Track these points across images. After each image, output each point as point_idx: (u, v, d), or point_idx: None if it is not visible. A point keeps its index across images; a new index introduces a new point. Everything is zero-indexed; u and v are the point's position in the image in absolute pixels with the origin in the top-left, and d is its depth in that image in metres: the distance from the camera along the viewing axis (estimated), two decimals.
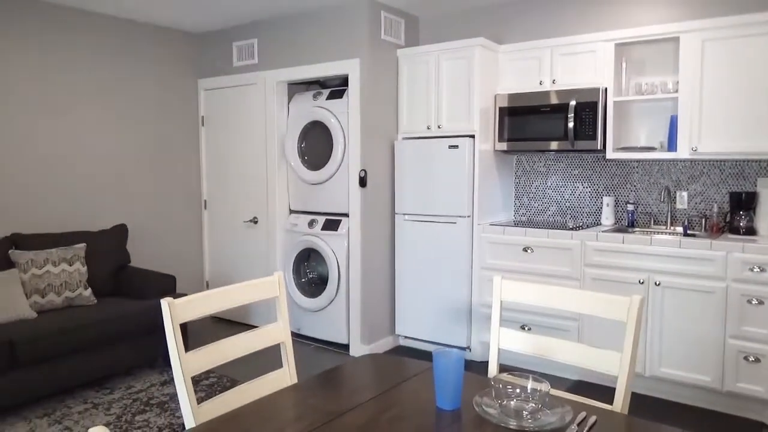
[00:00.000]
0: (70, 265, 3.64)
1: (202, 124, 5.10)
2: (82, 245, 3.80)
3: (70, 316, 3.38)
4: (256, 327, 4.95)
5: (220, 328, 4.80)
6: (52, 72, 4.07)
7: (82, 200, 4.27)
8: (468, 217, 3.92)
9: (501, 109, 4.01)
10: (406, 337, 4.35)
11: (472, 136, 3.93)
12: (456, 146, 3.92)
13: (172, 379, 3.63)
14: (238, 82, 4.75)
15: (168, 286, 3.89)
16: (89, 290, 3.70)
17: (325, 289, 4.28)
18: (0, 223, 3.80)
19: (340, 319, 4.25)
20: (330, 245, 4.23)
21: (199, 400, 1.64)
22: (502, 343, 1.89)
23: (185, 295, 3.84)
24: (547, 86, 3.85)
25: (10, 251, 3.55)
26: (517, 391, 1.47)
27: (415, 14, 4.50)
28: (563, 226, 3.78)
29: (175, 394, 3.41)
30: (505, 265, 3.79)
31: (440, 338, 4.09)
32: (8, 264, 3.52)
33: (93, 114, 4.32)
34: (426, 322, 4.14)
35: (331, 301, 4.25)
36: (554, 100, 3.77)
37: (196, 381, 3.61)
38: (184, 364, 1.63)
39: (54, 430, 2.97)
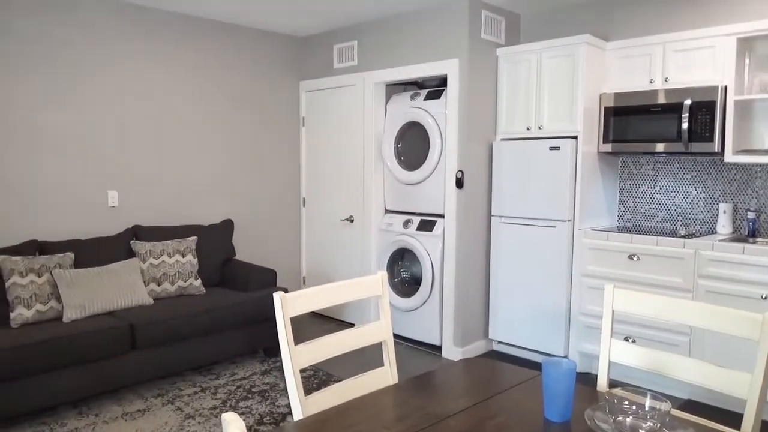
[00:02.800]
0: (183, 257, 3.90)
1: (303, 125, 5.28)
2: (194, 238, 4.06)
3: (183, 304, 3.62)
4: (346, 322, 4.99)
5: (314, 322, 4.96)
6: (168, 77, 4.37)
7: (194, 195, 4.56)
8: (568, 221, 3.78)
9: (606, 109, 3.83)
10: (499, 342, 4.27)
11: (575, 137, 3.79)
12: (557, 147, 3.80)
13: (273, 368, 3.81)
14: (337, 83, 4.87)
15: (269, 280, 4.06)
16: (199, 280, 3.95)
17: (418, 289, 4.30)
18: (123, 215, 4.15)
19: (433, 320, 4.24)
20: (424, 246, 4.24)
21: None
22: (612, 355, 1.81)
23: (285, 289, 3.98)
24: (658, 85, 3.64)
25: (131, 242, 3.86)
26: (634, 407, 1.40)
27: (517, 12, 4.40)
28: (674, 234, 3.55)
29: (276, 384, 3.56)
30: (608, 273, 3.62)
31: (535, 345, 3.98)
32: (130, 254, 3.84)
33: (203, 115, 4.60)
34: (521, 327, 4.05)
35: (425, 301, 4.26)
36: (666, 100, 3.55)
37: None
38: (294, 357, 1.69)
39: (167, 410, 3.19)
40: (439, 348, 4.30)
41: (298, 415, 1.67)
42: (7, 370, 2.82)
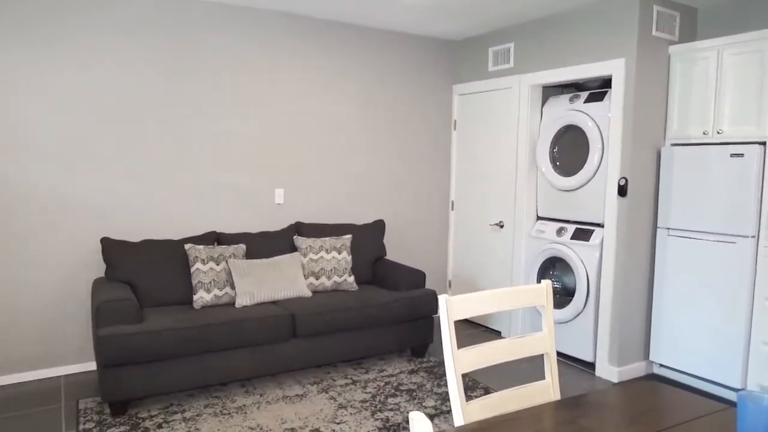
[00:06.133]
0: (339, 254, 4.11)
1: (455, 128, 5.30)
2: (349, 236, 4.26)
3: (338, 299, 3.81)
4: (491, 329, 4.86)
5: (458, 326, 4.95)
6: (326, 83, 4.63)
7: (349, 195, 4.79)
8: (752, 237, 3.37)
9: None
10: (661, 365, 3.93)
11: (763, 143, 3.37)
12: (740, 154, 3.40)
13: (420, 369, 3.87)
14: (491, 86, 4.82)
15: (418, 281, 4.12)
16: (352, 277, 4.13)
17: (570, 301, 4.10)
18: (287, 212, 4.48)
19: (586, 335, 4.02)
20: (579, 256, 4.04)
21: (448, 396, 1.68)
22: None
23: (434, 291, 4.01)
24: None
25: (294, 237, 4.15)
26: None
27: (693, 5, 4.02)
28: None
29: (422, 384, 3.61)
30: None
31: (705, 373, 3.60)
32: (292, 248, 4.13)
33: (358, 118, 4.80)
34: (688, 351, 3.69)
35: (578, 314, 4.05)
36: None
37: (440, 375, 3.77)
38: (457, 361, 1.70)
39: (321, 398, 3.38)
40: (591, 365, 4.07)
41: (458, 420, 1.68)
42: (193, 346, 3.19)
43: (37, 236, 3.62)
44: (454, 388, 1.69)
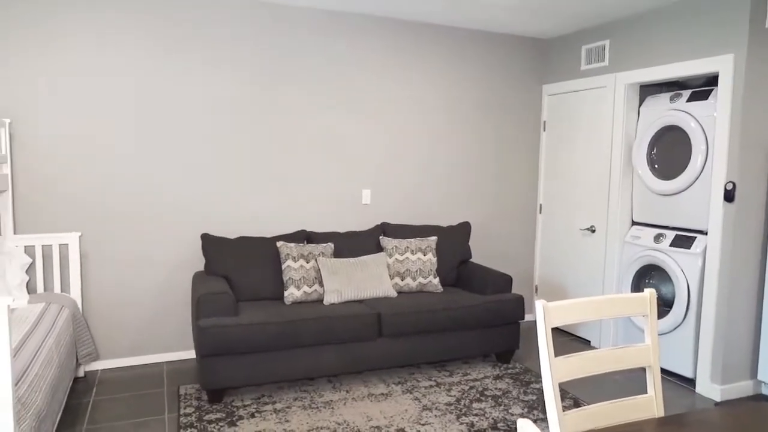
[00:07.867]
0: (424, 255, 4.11)
1: (544, 130, 5.16)
2: (434, 238, 4.26)
3: (423, 300, 3.81)
4: (579, 337, 4.67)
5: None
6: (412, 83, 4.65)
7: (434, 197, 4.78)
8: None
9: None
10: None
11: None
12: None
13: (505, 375, 3.81)
14: (584, 86, 4.65)
15: (504, 285, 4.05)
16: (438, 279, 4.13)
17: (668, 312, 3.88)
18: (374, 212, 4.54)
19: (686, 348, 3.79)
20: (679, 264, 3.81)
21: (535, 405, 1.64)
22: None
23: (521, 296, 3.93)
24: None
25: (380, 237, 4.21)
26: None
27: None
28: None
29: (508, 391, 3.54)
30: None
31: None
32: (378, 248, 4.18)
33: (444, 119, 4.79)
34: None
35: (677, 326, 3.82)
36: None
37: (526, 383, 3.69)
38: (554, 369, 1.66)
39: (406, 398, 3.40)
40: (691, 381, 3.83)
41: (555, 430, 1.63)
42: (284, 340, 3.31)
43: (148, 233, 3.90)
44: (551, 396, 1.65)
